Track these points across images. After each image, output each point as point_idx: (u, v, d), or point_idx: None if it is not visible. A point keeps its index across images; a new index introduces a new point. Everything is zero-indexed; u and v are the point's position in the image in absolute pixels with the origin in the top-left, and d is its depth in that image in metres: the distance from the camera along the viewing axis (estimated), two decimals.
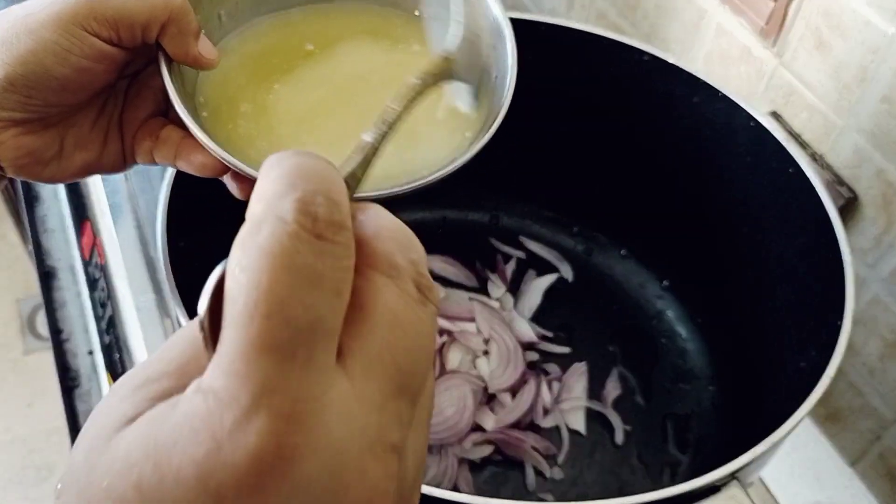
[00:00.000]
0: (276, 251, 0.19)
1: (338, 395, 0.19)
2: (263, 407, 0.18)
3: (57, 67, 0.36)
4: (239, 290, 0.19)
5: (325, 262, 0.20)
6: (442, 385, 0.66)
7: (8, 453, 1.48)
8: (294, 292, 0.19)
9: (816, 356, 0.50)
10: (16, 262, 1.74)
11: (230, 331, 0.19)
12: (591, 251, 0.78)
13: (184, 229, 0.53)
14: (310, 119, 0.40)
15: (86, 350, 0.73)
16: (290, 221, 0.20)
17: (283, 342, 0.19)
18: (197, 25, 0.39)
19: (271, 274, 0.19)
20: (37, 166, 0.39)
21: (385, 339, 0.21)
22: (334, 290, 0.20)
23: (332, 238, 0.20)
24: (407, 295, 0.22)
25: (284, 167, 0.21)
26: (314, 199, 0.20)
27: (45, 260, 0.80)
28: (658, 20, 0.81)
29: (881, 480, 0.68)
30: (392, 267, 0.22)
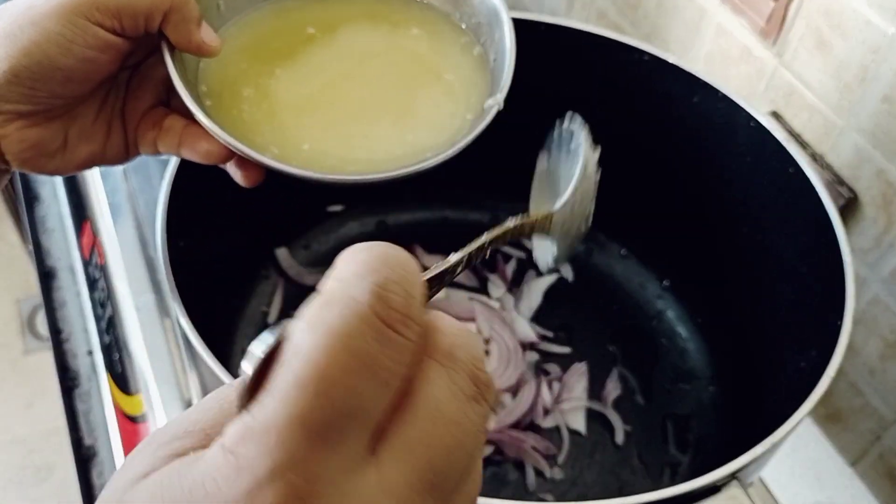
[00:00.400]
0: (342, 331, 0.19)
1: (359, 483, 0.19)
2: (279, 480, 0.18)
3: (61, 58, 0.36)
4: (293, 361, 0.19)
5: (387, 352, 0.19)
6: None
7: (7, 453, 1.48)
8: (347, 377, 0.19)
9: (817, 356, 0.50)
10: (15, 262, 1.74)
11: (273, 400, 0.19)
12: (591, 251, 0.78)
13: (184, 229, 0.53)
14: (312, 104, 0.40)
15: (85, 350, 0.73)
16: (364, 303, 0.19)
17: (321, 423, 0.18)
18: (199, 13, 0.39)
19: (330, 353, 0.19)
20: (41, 159, 0.39)
21: (423, 429, 0.20)
22: (385, 382, 0.19)
23: (400, 330, 0.20)
24: (458, 388, 0.21)
25: (369, 253, 0.20)
26: (392, 287, 0.20)
27: (45, 260, 0.79)
28: (658, 20, 0.81)
29: (881, 480, 0.68)
30: (449, 358, 0.21)
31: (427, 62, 0.41)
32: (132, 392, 0.67)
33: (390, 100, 0.39)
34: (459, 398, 0.21)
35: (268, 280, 0.72)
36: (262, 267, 0.73)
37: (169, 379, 0.66)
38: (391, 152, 0.36)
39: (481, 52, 0.43)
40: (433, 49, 0.42)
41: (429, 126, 0.38)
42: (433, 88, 0.40)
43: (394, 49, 0.42)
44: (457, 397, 0.21)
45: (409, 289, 0.20)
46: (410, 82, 0.40)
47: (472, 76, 0.41)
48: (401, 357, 0.20)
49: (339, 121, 0.39)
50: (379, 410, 0.20)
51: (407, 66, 0.41)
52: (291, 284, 0.72)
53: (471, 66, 0.42)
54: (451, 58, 0.42)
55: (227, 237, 0.65)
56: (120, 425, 0.66)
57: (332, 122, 0.39)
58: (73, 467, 0.65)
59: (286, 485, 0.18)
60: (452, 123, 0.39)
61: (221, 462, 0.19)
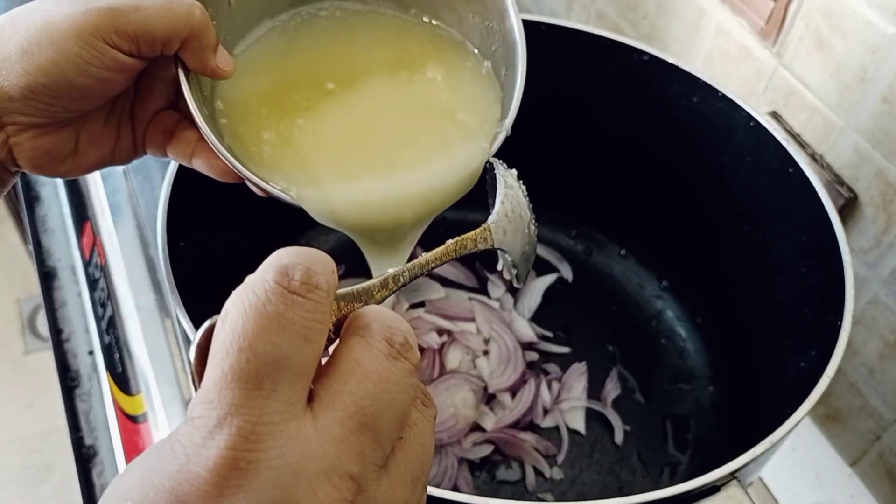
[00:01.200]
0: (252, 301, 0.23)
1: (298, 425, 0.23)
2: (226, 426, 0.22)
3: (78, 78, 0.37)
4: (220, 333, 0.23)
5: (294, 311, 0.23)
6: (442, 385, 0.66)
7: (7, 453, 1.48)
8: (263, 333, 0.23)
9: (816, 356, 0.50)
10: (16, 262, 1.74)
11: (210, 367, 0.23)
12: (590, 251, 0.78)
13: (184, 229, 0.53)
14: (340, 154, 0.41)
15: (86, 350, 0.73)
16: (269, 280, 0.24)
17: (251, 373, 0.22)
18: (216, 39, 0.39)
19: (245, 318, 0.23)
20: (53, 163, 0.40)
21: (346, 382, 0.24)
22: (302, 336, 0.23)
23: (304, 294, 0.24)
24: (374, 348, 0.25)
25: (281, 250, 0.25)
26: (294, 266, 0.24)
27: (46, 260, 0.80)
28: (658, 20, 0.81)
29: (881, 480, 0.68)
30: (364, 328, 0.26)
31: (443, 107, 0.42)
32: (132, 392, 0.67)
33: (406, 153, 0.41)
34: (376, 355, 0.25)
35: None
36: None
37: (169, 379, 0.66)
38: (407, 196, 0.40)
39: (489, 69, 0.43)
40: (448, 86, 0.43)
41: (444, 174, 0.40)
42: (449, 133, 0.41)
43: (413, 96, 0.43)
44: (373, 355, 0.25)
45: (310, 267, 0.24)
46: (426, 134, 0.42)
47: (485, 105, 0.42)
48: (309, 315, 0.24)
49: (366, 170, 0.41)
50: (305, 362, 0.23)
51: (424, 116, 0.42)
52: None
53: (483, 92, 0.43)
54: (464, 91, 0.43)
55: (227, 237, 0.65)
56: (120, 425, 0.66)
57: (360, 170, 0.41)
58: (74, 467, 0.65)
59: (232, 427, 0.22)
60: (468, 160, 0.41)
61: (182, 429, 0.22)
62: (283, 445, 0.22)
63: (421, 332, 0.69)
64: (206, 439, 0.22)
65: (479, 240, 0.38)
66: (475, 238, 0.38)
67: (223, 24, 0.42)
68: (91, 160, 0.42)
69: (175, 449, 0.22)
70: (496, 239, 0.40)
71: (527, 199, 0.42)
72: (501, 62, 0.42)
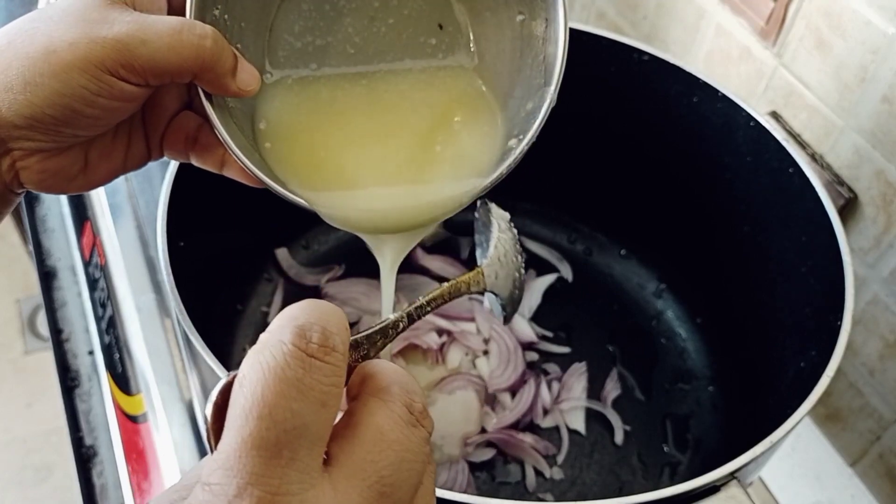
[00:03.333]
0: (271, 365, 0.23)
1: (317, 493, 0.23)
2: (246, 496, 0.22)
3: (86, 109, 0.35)
4: (238, 397, 0.23)
5: (314, 376, 0.23)
6: (445, 388, 0.66)
7: (7, 453, 1.48)
8: (283, 400, 0.22)
9: (816, 356, 0.50)
10: (16, 262, 1.74)
11: (228, 432, 0.23)
12: (590, 251, 0.78)
13: (184, 229, 0.53)
14: (360, 169, 0.42)
15: (86, 350, 0.73)
16: (287, 342, 0.23)
17: (270, 442, 0.22)
18: (232, 60, 0.37)
19: (265, 384, 0.23)
20: (62, 183, 0.39)
21: (369, 451, 0.24)
22: (320, 402, 0.23)
23: (322, 358, 0.24)
24: (396, 415, 0.25)
25: (294, 306, 0.25)
26: (311, 327, 0.24)
27: (46, 260, 0.80)
28: (658, 20, 0.81)
29: (881, 480, 0.68)
30: (384, 392, 0.26)
31: (455, 143, 0.43)
32: (132, 392, 0.67)
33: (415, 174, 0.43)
34: (398, 423, 0.25)
35: (268, 280, 0.72)
36: (262, 267, 0.73)
37: (169, 379, 0.66)
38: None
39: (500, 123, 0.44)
40: (462, 126, 0.44)
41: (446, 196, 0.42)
42: (456, 166, 0.43)
43: (426, 129, 0.44)
44: (395, 422, 0.25)
45: (326, 326, 0.24)
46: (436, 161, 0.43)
47: (490, 147, 0.43)
48: (327, 379, 0.23)
49: (372, 184, 0.42)
50: (322, 428, 0.23)
51: (434, 147, 0.43)
52: (291, 285, 0.72)
53: (492, 137, 0.43)
54: (475, 130, 0.44)
55: (228, 237, 0.65)
56: (120, 425, 0.66)
57: (367, 183, 0.42)
58: (74, 467, 0.65)
59: (253, 498, 0.21)
60: (465, 190, 0.41)
61: (200, 494, 0.22)
62: None
63: (421, 332, 0.69)
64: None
65: (472, 283, 0.40)
66: (468, 281, 0.40)
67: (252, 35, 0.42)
68: (102, 175, 0.40)
69: None
70: (488, 282, 0.42)
71: (518, 245, 0.44)
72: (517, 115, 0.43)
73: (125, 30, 0.34)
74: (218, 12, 0.39)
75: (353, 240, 0.79)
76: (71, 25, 0.34)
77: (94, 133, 0.37)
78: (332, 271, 0.73)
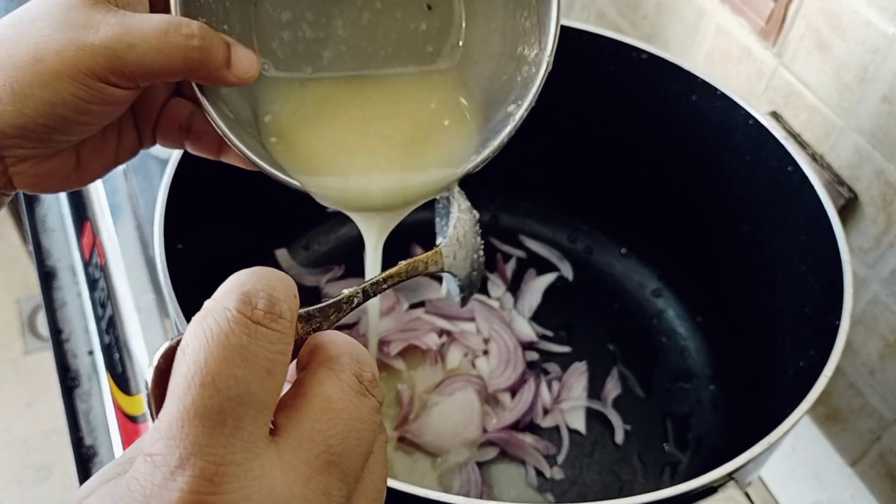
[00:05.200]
0: (214, 332, 0.22)
1: (263, 463, 0.22)
2: (189, 467, 0.21)
3: (78, 116, 0.35)
4: (181, 364, 0.22)
5: (259, 343, 0.23)
6: (445, 390, 0.66)
7: (7, 453, 1.49)
8: (226, 367, 0.22)
9: (815, 355, 0.50)
10: (16, 262, 1.74)
11: (170, 400, 0.22)
12: (591, 250, 0.78)
13: (183, 231, 0.53)
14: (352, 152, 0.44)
15: (86, 350, 0.73)
16: (232, 308, 0.23)
17: (213, 410, 0.21)
18: (224, 52, 0.36)
19: (208, 350, 0.22)
20: (56, 183, 0.38)
21: (317, 420, 0.24)
22: (266, 369, 0.23)
23: (268, 325, 0.23)
24: (345, 385, 0.25)
25: (241, 273, 0.24)
26: (257, 293, 0.23)
27: (46, 260, 0.80)
28: (658, 20, 0.81)
29: (881, 480, 0.68)
30: (333, 361, 0.25)
31: (439, 131, 0.45)
32: (132, 392, 0.67)
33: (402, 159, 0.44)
34: (347, 392, 0.24)
35: None
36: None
37: None
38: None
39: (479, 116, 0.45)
40: (446, 116, 0.45)
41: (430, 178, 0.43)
42: (441, 153, 0.44)
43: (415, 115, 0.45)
44: (344, 391, 0.24)
45: (272, 293, 0.24)
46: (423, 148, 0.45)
47: (468, 138, 0.45)
48: (273, 346, 0.23)
49: (364, 167, 0.44)
50: (268, 396, 0.23)
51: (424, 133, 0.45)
52: None
53: (470, 130, 0.45)
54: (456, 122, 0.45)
55: (227, 238, 0.65)
56: (120, 425, 0.66)
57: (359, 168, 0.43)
58: (73, 467, 0.65)
59: (195, 468, 0.21)
60: (445, 175, 0.43)
61: (141, 466, 0.21)
62: (247, 487, 0.21)
63: (421, 332, 0.69)
64: (166, 480, 0.21)
65: (430, 262, 0.40)
66: (426, 260, 0.39)
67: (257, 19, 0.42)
68: (95, 170, 0.40)
69: (133, 488, 0.21)
70: (446, 262, 0.41)
71: (477, 226, 0.44)
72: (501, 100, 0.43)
73: (111, 34, 0.33)
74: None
75: (353, 240, 0.79)
76: (55, 30, 0.33)
77: (86, 136, 0.37)
78: (331, 272, 0.73)
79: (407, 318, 0.70)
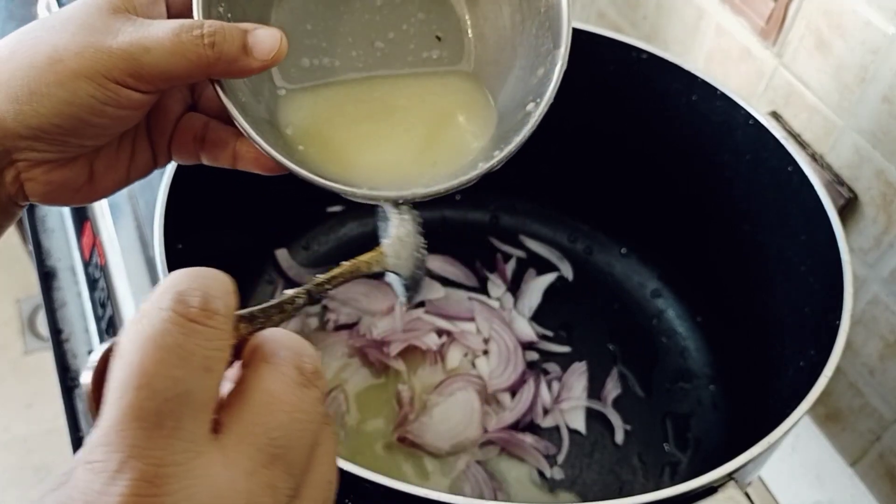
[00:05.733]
0: (149, 333, 0.22)
1: (205, 461, 0.22)
2: (128, 471, 0.21)
3: (94, 118, 0.35)
4: (115, 369, 0.22)
5: (195, 341, 0.22)
6: (445, 390, 0.66)
7: (7, 453, 1.49)
8: (162, 367, 0.22)
9: (815, 355, 0.50)
10: (16, 262, 1.74)
11: (106, 406, 0.21)
12: (591, 250, 0.78)
13: (183, 231, 0.53)
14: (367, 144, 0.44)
15: (86, 350, 0.73)
16: (166, 308, 0.23)
17: (151, 412, 0.21)
18: (240, 39, 0.36)
19: (143, 352, 0.22)
20: (67, 194, 0.38)
21: (258, 413, 0.23)
22: (203, 367, 0.22)
23: (204, 322, 0.23)
24: (285, 377, 0.24)
25: (175, 273, 0.24)
26: (191, 292, 0.23)
27: (46, 260, 0.80)
28: (658, 20, 0.81)
29: (881, 480, 0.68)
30: (273, 355, 0.25)
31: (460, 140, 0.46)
32: None
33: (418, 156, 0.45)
34: (287, 384, 0.24)
35: (268, 282, 0.73)
36: (262, 268, 0.73)
37: None
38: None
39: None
40: (464, 117, 0.46)
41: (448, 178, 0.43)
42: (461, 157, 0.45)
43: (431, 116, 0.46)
44: (285, 384, 0.24)
45: (208, 291, 0.23)
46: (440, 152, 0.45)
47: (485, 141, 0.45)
48: (210, 343, 0.23)
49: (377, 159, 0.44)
50: (207, 394, 0.22)
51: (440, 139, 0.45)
52: (291, 285, 0.72)
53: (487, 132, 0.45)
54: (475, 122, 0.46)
55: (227, 239, 0.65)
56: None
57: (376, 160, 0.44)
58: None
59: (134, 471, 0.20)
60: (466, 173, 0.43)
61: (81, 473, 0.21)
62: (189, 486, 0.21)
63: (421, 332, 0.69)
64: (106, 485, 0.20)
65: (373, 262, 0.40)
66: (369, 260, 0.40)
67: None
68: (106, 185, 0.40)
69: (73, 497, 0.21)
70: (390, 262, 0.42)
71: (418, 226, 0.44)
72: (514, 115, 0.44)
73: (129, 39, 0.34)
74: (222, 9, 0.39)
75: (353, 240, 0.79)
76: (74, 34, 0.34)
77: (100, 143, 0.37)
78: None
79: (407, 318, 0.70)
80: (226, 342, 0.23)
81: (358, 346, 0.68)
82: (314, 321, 0.70)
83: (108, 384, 0.22)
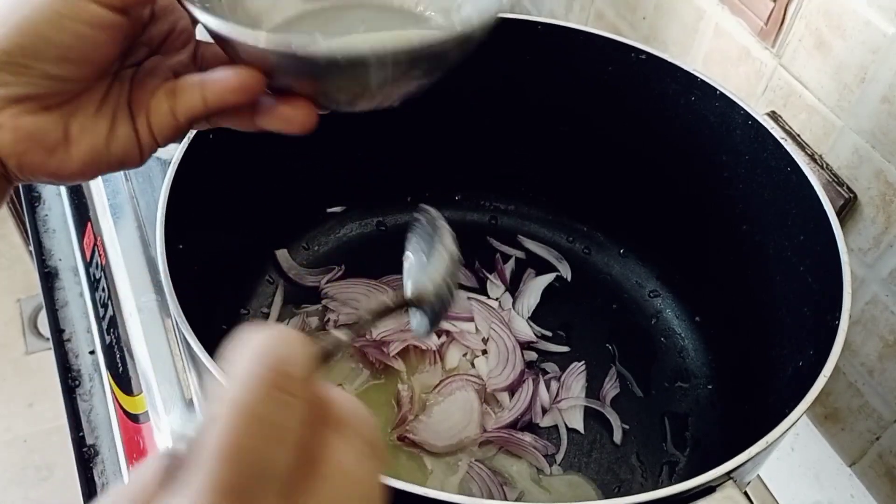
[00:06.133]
0: (245, 402, 0.22)
1: None
2: None
3: (54, 34, 0.34)
4: (212, 438, 0.22)
5: (287, 415, 0.22)
6: (444, 390, 0.66)
7: (8, 453, 1.49)
8: (256, 442, 0.22)
9: (814, 355, 0.50)
10: (17, 263, 1.74)
11: (197, 471, 0.21)
12: (589, 250, 0.78)
13: (183, 231, 0.53)
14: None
15: (87, 350, 0.73)
16: (262, 377, 0.22)
17: (241, 487, 0.21)
18: None
19: (239, 423, 0.22)
20: (40, 152, 0.37)
21: (335, 489, 0.23)
22: (293, 443, 0.23)
23: (300, 394, 0.23)
24: (357, 451, 0.24)
25: (263, 339, 0.24)
26: (286, 360, 0.23)
27: (47, 260, 0.80)
28: (657, 21, 0.81)
29: (881, 480, 0.69)
30: (345, 425, 0.25)
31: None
32: (133, 392, 0.67)
33: None
34: (360, 459, 0.24)
35: (269, 282, 0.73)
36: (262, 268, 0.73)
37: (170, 378, 0.66)
38: None
39: None
40: None
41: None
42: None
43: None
44: (358, 459, 0.24)
45: (300, 360, 0.23)
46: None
47: None
48: (295, 415, 0.23)
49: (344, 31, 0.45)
50: (283, 467, 0.22)
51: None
52: (291, 285, 0.72)
53: None
54: None
55: (227, 239, 0.65)
56: (121, 425, 0.67)
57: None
58: (75, 467, 0.66)
59: None
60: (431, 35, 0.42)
61: None
62: None
63: None
64: None
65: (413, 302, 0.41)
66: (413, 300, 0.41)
67: None
68: (83, 151, 0.38)
69: None
70: (426, 301, 0.43)
71: (455, 264, 0.44)
72: None
73: None
74: None
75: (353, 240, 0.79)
76: None
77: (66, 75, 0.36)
78: (332, 272, 0.73)
79: (407, 318, 0.70)
80: (310, 421, 0.23)
81: (358, 345, 0.68)
82: (314, 321, 0.70)
83: (201, 450, 0.22)
